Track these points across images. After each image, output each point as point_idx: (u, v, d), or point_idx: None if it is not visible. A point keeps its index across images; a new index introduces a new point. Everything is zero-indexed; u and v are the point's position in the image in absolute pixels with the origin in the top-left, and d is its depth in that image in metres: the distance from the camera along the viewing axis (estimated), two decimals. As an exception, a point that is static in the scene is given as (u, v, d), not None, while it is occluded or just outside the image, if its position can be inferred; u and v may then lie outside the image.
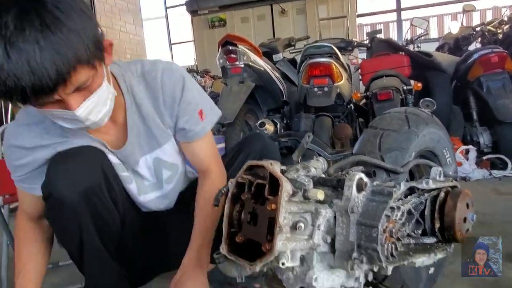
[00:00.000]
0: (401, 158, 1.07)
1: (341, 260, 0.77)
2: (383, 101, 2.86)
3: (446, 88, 3.41)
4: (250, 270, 0.71)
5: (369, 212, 0.76)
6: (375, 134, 1.11)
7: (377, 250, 0.74)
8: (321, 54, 2.98)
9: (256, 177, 0.75)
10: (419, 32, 4.33)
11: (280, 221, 0.68)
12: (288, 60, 3.95)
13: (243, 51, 3.13)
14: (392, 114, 1.19)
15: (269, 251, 0.68)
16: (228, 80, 3.14)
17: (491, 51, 3.18)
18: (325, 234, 0.77)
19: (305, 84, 2.97)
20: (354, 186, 0.77)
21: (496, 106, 2.98)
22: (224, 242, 0.77)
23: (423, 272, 1.20)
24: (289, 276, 0.80)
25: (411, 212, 0.94)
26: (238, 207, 0.76)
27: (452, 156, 1.34)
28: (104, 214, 1.02)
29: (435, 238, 0.98)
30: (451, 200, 0.94)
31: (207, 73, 4.76)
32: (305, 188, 0.76)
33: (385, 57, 3.48)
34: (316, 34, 5.76)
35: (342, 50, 3.42)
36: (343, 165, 0.94)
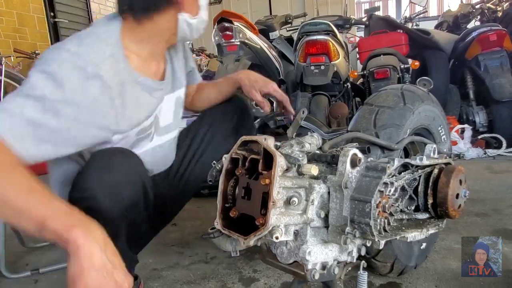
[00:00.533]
0: (396, 135, 1.07)
1: (334, 235, 0.78)
2: (380, 80, 2.84)
3: (444, 67, 3.39)
4: (244, 244, 0.72)
5: (362, 187, 0.77)
6: (370, 111, 1.11)
7: (370, 225, 0.75)
8: (318, 32, 2.93)
9: (250, 152, 0.75)
10: (418, 9, 4.27)
11: (274, 196, 0.69)
12: (285, 38, 3.89)
13: (239, 28, 3.07)
14: (388, 91, 1.18)
15: (262, 225, 0.69)
16: (223, 58, 3.10)
17: (489, 29, 3.14)
18: (319, 209, 0.78)
19: (301, 62, 2.93)
20: (348, 162, 0.77)
21: (493, 85, 2.97)
22: (218, 217, 0.78)
23: (415, 247, 1.22)
24: (283, 250, 0.82)
25: (404, 188, 0.95)
26: (232, 182, 0.76)
27: (447, 134, 1.34)
28: (139, 227, 1.00)
29: (427, 214, 0.99)
30: (444, 177, 0.95)
31: (203, 52, 4.69)
32: (299, 164, 0.76)
33: (383, 35, 3.44)
34: (314, 11, 5.66)
35: (339, 28, 3.37)
36: (338, 142, 0.94)
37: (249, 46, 3.14)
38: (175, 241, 1.68)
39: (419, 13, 4.15)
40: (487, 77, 3.02)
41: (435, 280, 1.23)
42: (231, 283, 1.31)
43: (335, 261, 0.83)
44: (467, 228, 1.60)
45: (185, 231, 1.80)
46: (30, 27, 4.90)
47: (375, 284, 1.23)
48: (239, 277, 1.34)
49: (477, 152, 2.88)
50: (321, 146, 0.87)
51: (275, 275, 1.32)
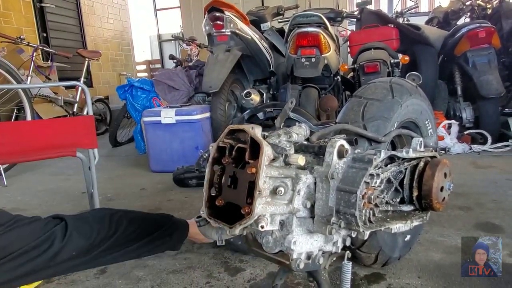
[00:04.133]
0: (384, 128, 1.08)
1: (320, 225, 0.78)
2: (370, 74, 2.86)
3: (433, 62, 3.41)
4: (229, 232, 0.71)
5: (348, 178, 0.77)
6: (359, 103, 1.11)
7: (355, 215, 0.75)
8: (309, 24, 2.92)
9: (237, 141, 0.74)
10: (410, 4, 4.28)
11: (260, 185, 0.68)
12: (276, 29, 3.87)
13: (230, 18, 3.04)
14: (376, 84, 1.18)
15: (248, 214, 0.69)
16: (214, 48, 3.06)
17: (479, 25, 3.17)
18: (305, 200, 0.78)
19: (292, 54, 2.92)
20: (335, 153, 0.77)
21: (480, 81, 3.01)
22: (204, 206, 0.77)
23: (399, 238, 1.24)
24: (268, 239, 0.82)
25: (390, 181, 0.95)
26: (219, 171, 0.76)
27: (434, 128, 1.36)
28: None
29: (412, 206, 1.00)
30: (429, 170, 0.96)
31: (193, 41, 4.63)
32: (286, 153, 0.76)
33: (374, 29, 3.44)
34: (306, 3, 5.63)
35: (331, 21, 3.36)
36: (326, 133, 0.94)
37: (240, 36, 3.11)
38: (162, 231, 1.67)
39: (410, 8, 4.17)
40: (474, 73, 3.05)
41: (418, 271, 1.25)
42: (217, 273, 1.31)
43: (320, 251, 0.84)
44: (450, 221, 1.63)
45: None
46: (15, 12, 4.77)
47: (359, 275, 1.24)
48: (225, 267, 1.35)
49: (462, 147, 2.92)
50: (309, 137, 0.86)
51: (261, 265, 1.33)
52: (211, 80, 2.82)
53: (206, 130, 2.81)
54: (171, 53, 5.23)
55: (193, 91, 3.70)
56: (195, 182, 2.25)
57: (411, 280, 1.20)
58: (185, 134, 2.73)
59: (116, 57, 6.92)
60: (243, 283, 1.24)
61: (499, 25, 3.56)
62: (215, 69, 2.88)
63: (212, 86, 2.80)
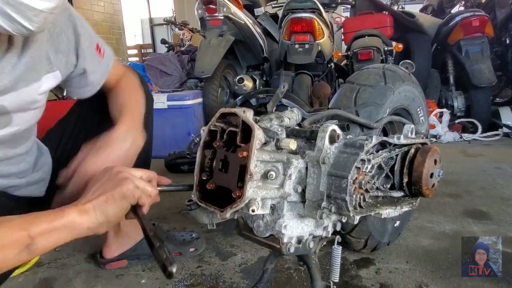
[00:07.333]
0: (376, 114, 1.08)
1: (310, 210, 0.79)
2: (364, 61, 2.85)
3: (426, 50, 3.42)
4: (220, 216, 0.71)
5: (340, 163, 0.77)
6: (351, 89, 1.11)
7: (345, 200, 0.75)
8: (303, 9, 2.89)
9: (228, 125, 0.73)
10: (404, -8, 4.26)
11: (251, 168, 0.68)
12: (270, 15, 3.83)
13: (223, 2, 3.00)
14: (369, 70, 1.18)
15: (239, 197, 0.68)
16: (206, 32, 3.03)
17: (472, 14, 3.17)
18: (296, 184, 0.78)
19: (286, 40, 2.90)
20: (327, 138, 0.77)
21: (472, 70, 3.02)
22: (195, 189, 0.77)
23: (389, 224, 1.25)
24: (259, 223, 0.82)
25: (381, 167, 0.96)
26: (210, 155, 0.75)
27: (425, 115, 1.36)
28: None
29: (402, 192, 1.01)
30: (420, 156, 0.96)
31: (186, 26, 4.56)
32: (278, 138, 0.75)
33: (368, 16, 3.42)
34: (301, -11, 5.56)
35: (325, 7, 3.33)
36: (318, 118, 0.94)
37: (233, 21, 3.07)
38: (153, 216, 1.67)
39: (405, -4, 4.15)
40: (467, 62, 3.06)
41: (406, 256, 1.27)
42: (208, 257, 1.31)
43: (310, 236, 0.84)
44: (439, 208, 1.65)
45: (163, 206, 1.79)
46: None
47: (349, 260, 1.26)
48: (216, 251, 1.35)
49: (453, 136, 2.95)
50: (301, 122, 0.86)
51: (252, 250, 1.34)
52: (204, 65, 2.80)
53: (198, 115, 2.79)
54: (163, 38, 5.16)
55: (185, 76, 3.66)
56: (187, 167, 2.25)
57: (400, 265, 1.22)
58: (177, 120, 2.70)
59: (107, 40, 6.76)
60: (234, 267, 1.25)
61: (493, 14, 3.56)
62: (207, 54, 2.84)
63: (204, 71, 2.77)
